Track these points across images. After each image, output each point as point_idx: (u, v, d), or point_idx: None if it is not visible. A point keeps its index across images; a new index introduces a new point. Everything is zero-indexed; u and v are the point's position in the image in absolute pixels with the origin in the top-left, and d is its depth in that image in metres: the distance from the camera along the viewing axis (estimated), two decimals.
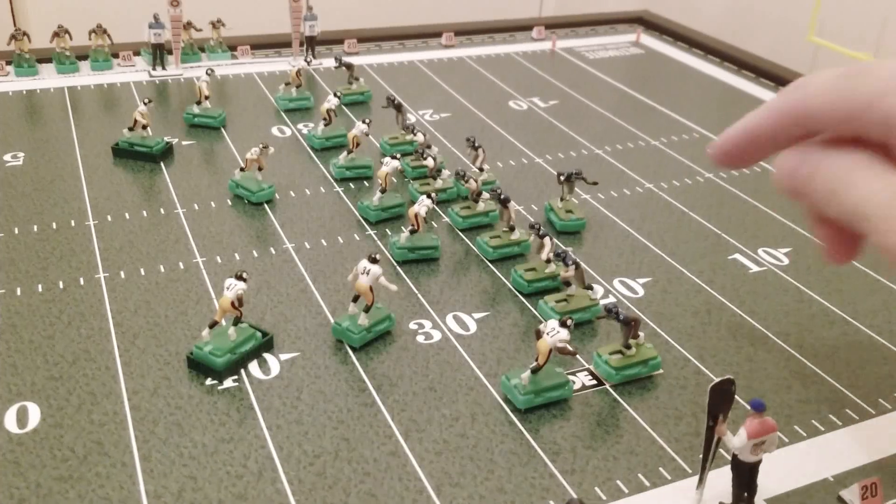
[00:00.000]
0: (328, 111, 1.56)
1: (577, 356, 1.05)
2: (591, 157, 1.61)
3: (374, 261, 1.05)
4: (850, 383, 1.04)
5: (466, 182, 1.33)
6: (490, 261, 1.25)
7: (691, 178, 1.55)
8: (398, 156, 1.36)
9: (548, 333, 0.94)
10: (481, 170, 1.43)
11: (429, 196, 1.24)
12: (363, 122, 1.46)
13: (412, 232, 1.23)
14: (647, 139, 1.70)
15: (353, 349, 1.05)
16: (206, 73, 1.68)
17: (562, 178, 1.35)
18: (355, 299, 1.07)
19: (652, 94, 1.94)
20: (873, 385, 1.04)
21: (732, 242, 1.33)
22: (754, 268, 1.27)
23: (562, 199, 1.36)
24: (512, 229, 1.26)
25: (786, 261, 1.29)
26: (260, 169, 1.38)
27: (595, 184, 1.40)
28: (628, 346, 1.01)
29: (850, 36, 2.12)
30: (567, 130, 1.72)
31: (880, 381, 1.05)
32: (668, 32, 2.37)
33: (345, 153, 1.47)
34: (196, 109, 1.64)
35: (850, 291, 1.22)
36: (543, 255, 1.17)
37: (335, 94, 1.57)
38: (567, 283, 1.13)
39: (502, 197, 1.25)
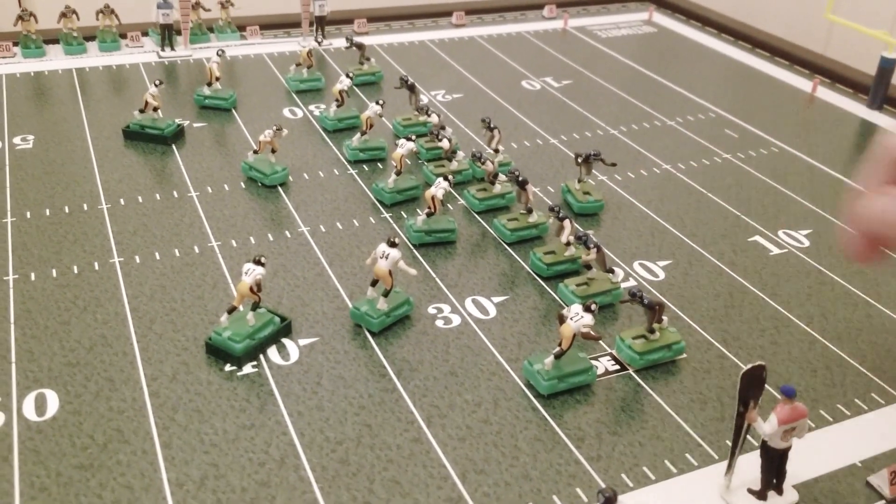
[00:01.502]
0: (340, 92, 1.54)
1: (601, 341, 1.03)
2: (607, 138, 1.59)
3: (393, 245, 1.03)
4: (875, 366, 1.03)
5: (483, 164, 1.31)
6: (508, 244, 1.23)
7: (709, 158, 1.52)
8: (413, 137, 1.34)
9: (571, 318, 0.93)
10: (497, 151, 1.42)
11: (446, 178, 1.22)
12: (377, 103, 1.44)
13: (429, 214, 1.22)
14: (662, 119, 1.68)
15: (372, 334, 1.04)
16: (217, 53, 1.66)
17: (580, 159, 1.33)
18: (374, 283, 1.05)
19: (666, 74, 1.92)
20: None
21: (752, 224, 1.32)
22: (775, 250, 1.25)
23: (579, 181, 1.34)
24: (530, 212, 1.24)
25: (806, 242, 1.28)
26: (273, 151, 1.37)
27: (613, 165, 1.38)
28: (652, 331, 1.00)
29: (866, 14, 2.09)
30: (581, 110, 1.70)
31: None
32: (681, 10, 2.34)
33: (358, 135, 1.45)
34: (207, 91, 1.62)
35: (872, 273, 1.21)
36: (563, 238, 1.15)
37: (347, 75, 1.55)
38: (588, 267, 1.12)
39: (520, 179, 1.23)
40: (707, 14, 2.28)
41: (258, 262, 0.99)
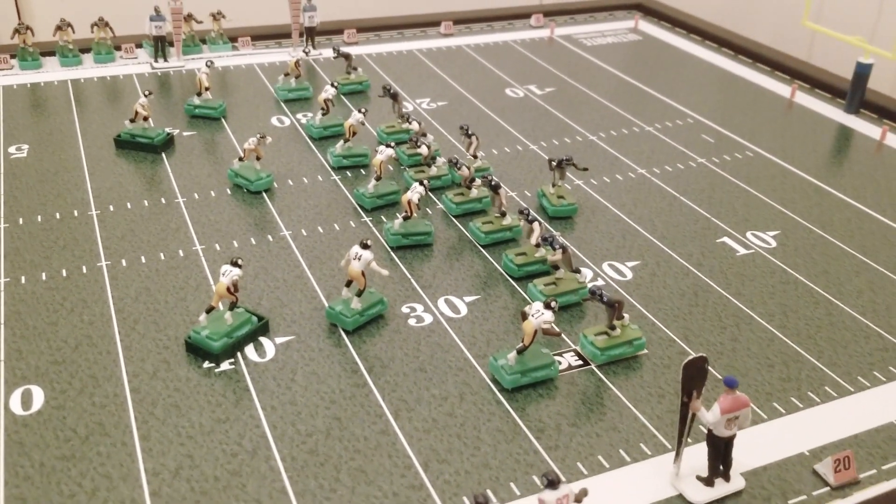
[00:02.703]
0: (325, 101, 1.58)
1: (564, 336, 1.07)
2: (586, 144, 1.63)
3: (365, 246, 1.08)
4: (831, 362, 1.06)
5: (459, 169, 1.35)
6: (482, 246, 1.27)
7: (684, 163, 1.57)
8: (392, 144, 1.39)
9: (533, 315, 0.97)
10: (475, 157, 1.46)
11: (421, 183, 1.27)
12: (359, 111, 1.48)
13: (405, 218, 1.26)
14: (641, 125, 1.72)
15: (347, 332, 1.08)
16: (206, 64, 1.71)
17: (553, 163, 1.37)
18: (348, 284, 1.10)
19: (648, 81, 1.96)
20: (854, 363, 1.06)
21: (722, 226, 1.36)
22: (742, 250, 1.29)
23: (553, 185, 1.39)
24: (503, 215, 1.28)
25: (774, 243, 1.31)
26: (258, 158, 1.41)
27: (585, 169, 1.42)
28: (613, 328, 1.04)
29: (845, 21, 2.13)
30: (562, 117, 1.74)
31: (861, 359, 1.07)
32: (667, 18, 2.38)
33: (341, 142, 1.49)
34: (196, 101, 1.67)
35: (837, 273, 1.24)
36: (532, 240, 1.20)
37: (332, 84, 1.60)
38: (556, 267, 1.16)
39: (493, 183, 1.27)
40: (692, 22, 2.32)
41: (235, 264, 1.04)
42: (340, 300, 1.10)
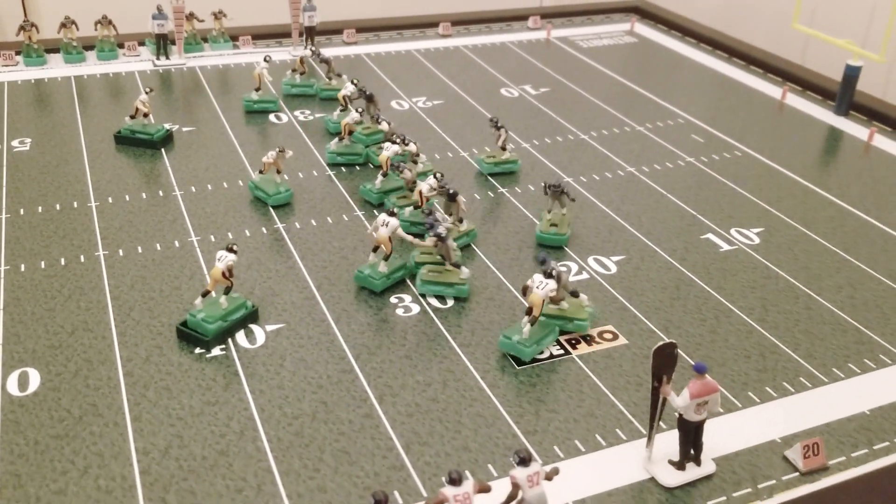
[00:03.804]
0: (344, 97, 1.62)
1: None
2: (577, 143, 1.66)
3: (392, 214, 1.15)
4: (807, 354, 1.09)
5: (402, 173, 1.36)
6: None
7: (672, 162, 1.59)
8: (398, 140, 1.41)
9: (538, 287, 1.01)
10: (504, 149, 1.51)
11: (435, 175, 1.30)
12: (357, 111, 1.51)
13: (416, 207, 1.30)
14: (632, 125, 1.75)
15: (335, 321, 1.11)
16: (265, 59, 1.75)
17: (548, 190, 1.32)
18: (375, 249, 1.16)
19: (642, 82, 1.99)
20: (829, 355, 1.09)
21: (706, 223, 1.38)
22: (725, 246, 1.32)
23: (549, 212, 1.33)
24: (461, 221, 1.29)
25: (757, 240, 1.34)
26: (278, 172, 1.40)
27: (573, 200, 1.35)
28: (560, 300, 1.09)
29: (838, 25, 2.16)
30: (555, 117, 1.77)
31: (836, 351, 1.10)
32: (663, 21, 2.41)
33: (336, 139, 1.53)
34: (255, 96, 1.71)
35: (817, 269, 1.27)
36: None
37: (352, 82, 1.63)
38: (444, 258, 1.18)
39: (451, 192, 1.27)
40: (688, 25, 2.35)
41: (230, 250, 1.07)
42: (368, 265, 1.16)
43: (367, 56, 2.08)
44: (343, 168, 1.51)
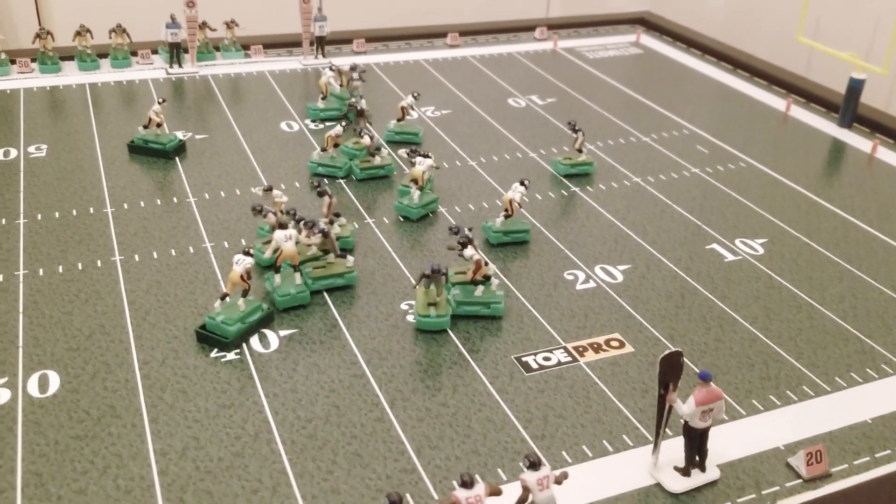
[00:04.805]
0: (402, 108, 1.66)
1: (556, 334, 1.12)
2: (558, 155, 1.68)
3: (247, 253, 1.10)
4: (810, 363, 1.11)
5: (362, 138, 1.52)
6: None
7: (678, 172, 1.62)
8: (430, 154, 1.44)
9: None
10: (580, 151, 1.57)
11: (522, 183, 1.33)
12: (341, 124, 1.56)
13: (507, 216, 1.33)
14: (638, 135, 1.77)
15: (347, 326, 1.13)
16: (330, 69, 1.79)
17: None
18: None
19: (647, 93, 2.01)
20: (832, 365, 1.11)
21: (711, 233, 1.41)
22: (730, 256, 1.34)
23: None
24: (337, 216, 1.30)
25: (761, 250, 1.36)
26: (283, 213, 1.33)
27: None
28: (474, 284, 1.14)
29: (842, 38, 2.18)
30: (562, 127, 1.79)
31: (839, 360, 1.12)
32: (668, 33, 2.44)
33: (318, 150, 1.55)
34: (321, 104, 1.76)
35: (820, 279, 1.29)
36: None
37: (413, 95, 1.68)
38: (326, 251, 1.20)
39: (319, 189, 1.30)
40: (693, 36, 2.38)
41: (247, 253, 1.10)
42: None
43: (377, 65, 2.10)
44: (325, 179, 1.52)
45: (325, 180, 1.31)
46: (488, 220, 1.36)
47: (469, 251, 1.16)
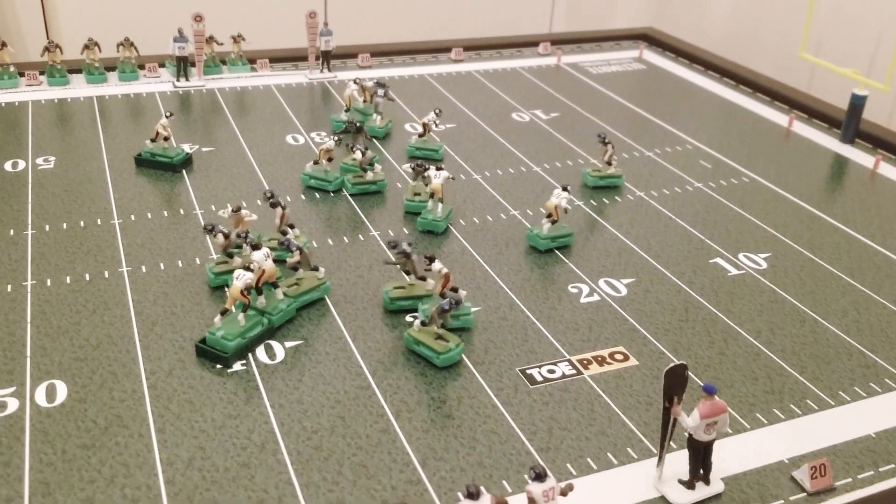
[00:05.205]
0: (424, 124, 1.68)
1: (556, 341, 1.13)
2: (587, 167, 1.69)
3: (247, 269, 1.11)
4: (814, 377, 1.11)
5: (354, 153, 1.52)
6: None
7: (681, 186, 1.63)
8: (442, 166, 1.46)
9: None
10: (609, 163, 1.60)
11: (564, 188, 1.37)
12: (333, 139, 1.57)
13: (553, 222, 1.36)
14: (641, 150, 1.78)
15: (353, 338, 1.14)
16: (355, 82, 1.82)
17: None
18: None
19: (650, 108, 2.03)
20: (835, 379, 1.11)
21: (715, 247, 1.41)
22: (733, 271, 1.35)
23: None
24: (284, 233, 1.28)
25: (764, 265, 1.37)
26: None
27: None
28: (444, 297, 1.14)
29: (844, 54, 2.20)
30: (565, 141, 1.81)
31: (843, 375, 1.12)
32: (671, 49, 2.45)
33: (311, 162, 1.56)
34: (344, 116, 1.78)
35: (824, 294, 1.30)
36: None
37: (435, 112, 1.70)
38: (294, 269, 1.20)
39: (272, 201, 1.31)
40: (696, 52, 2.39)
41: (247, 269, 1.10)
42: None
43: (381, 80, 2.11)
44: (303, 195, 1.53)
45: (275, 192, 1.33)
46: (534, 229, 1.38)
47: (437, 265, 1.15)
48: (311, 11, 2.03)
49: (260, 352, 1.11)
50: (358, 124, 1.65)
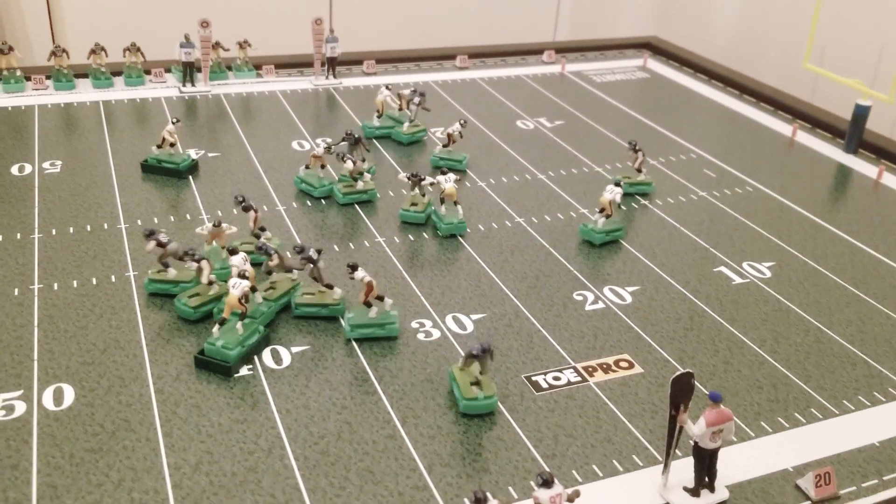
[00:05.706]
0: (449, 134, 1.69)
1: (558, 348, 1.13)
2: (592, 175, 1.70)
3: (243, 276, 1.12)
4: (818, 385, 1.12)
5: (345, 162, 1.51)
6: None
7: (685, 195, 1.63)
8: (446, 170, 1.47)
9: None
10: (640, 171, 1.61)
11: (618, 184, 1.41)
12: (324, 143, 1.58)
13: (607, 217, 1.41)
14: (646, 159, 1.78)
15: (358, 344, 1.14)
16: (386, 87, 1.84)
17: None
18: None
19: (655, 117, 2.03)
20: (840, 388, 1.12)
21: (719, 256, 1.42)
22: (738, 279, 1.35)
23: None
24: (263, 229, 1.33)
25: (769, 274, 1.37)
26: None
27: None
28: (368, 305, 1.15)
29: (848, 65, 2.21)
30: (570, 149, 1.81)
31: (847, 384, 1.12)
32: (675, 58, 2.46)
33: (304, 166, 1.57)
34: (376, 122, 1.81)
35: (828, 303, 1.30)
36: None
37: (460, 122, 1.71)
38: (269, 273, 1.21)
39: (243, 204, 1.32)
40: (699, 62, 2.40)
41: (243, 276, 1.11)
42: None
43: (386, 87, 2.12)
44: (308, 201, 1.53)
45: (244, 196, 1.33)
46: (588, 224, 1.43)
47: (360, 273, 1.15)
48: (318, 18, 2.04)
49: (266, 357, 1.11)
50: (356, 135, 1.65)
